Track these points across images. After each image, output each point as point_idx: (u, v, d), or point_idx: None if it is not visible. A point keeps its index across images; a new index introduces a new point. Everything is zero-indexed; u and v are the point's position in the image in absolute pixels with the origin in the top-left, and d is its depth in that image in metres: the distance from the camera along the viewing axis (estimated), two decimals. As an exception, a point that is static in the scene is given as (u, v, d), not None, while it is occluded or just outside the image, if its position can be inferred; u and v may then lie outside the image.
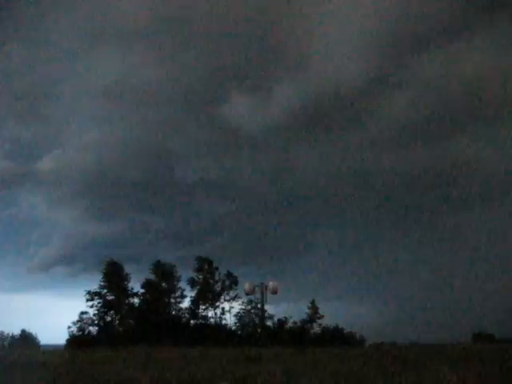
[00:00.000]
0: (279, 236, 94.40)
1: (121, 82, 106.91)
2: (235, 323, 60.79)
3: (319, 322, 60.94)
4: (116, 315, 58.69)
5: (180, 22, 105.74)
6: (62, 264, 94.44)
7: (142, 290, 59.71)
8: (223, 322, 60.35)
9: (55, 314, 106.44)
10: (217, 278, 60.80)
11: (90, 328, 58.10)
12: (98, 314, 57.85)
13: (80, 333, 57.30)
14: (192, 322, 59.93)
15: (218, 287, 60.57)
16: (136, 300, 59.66)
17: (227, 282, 60.55)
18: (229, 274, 60.84)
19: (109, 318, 58.51)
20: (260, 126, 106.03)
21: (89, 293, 57.60)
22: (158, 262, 61.08)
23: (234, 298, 60.18)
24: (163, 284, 60.17)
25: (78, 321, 57.92)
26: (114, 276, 58.25)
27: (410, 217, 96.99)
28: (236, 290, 59.87)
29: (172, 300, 60.56)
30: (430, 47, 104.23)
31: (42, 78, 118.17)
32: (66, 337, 57.55)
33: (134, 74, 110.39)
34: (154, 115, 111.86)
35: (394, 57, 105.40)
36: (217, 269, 60.96)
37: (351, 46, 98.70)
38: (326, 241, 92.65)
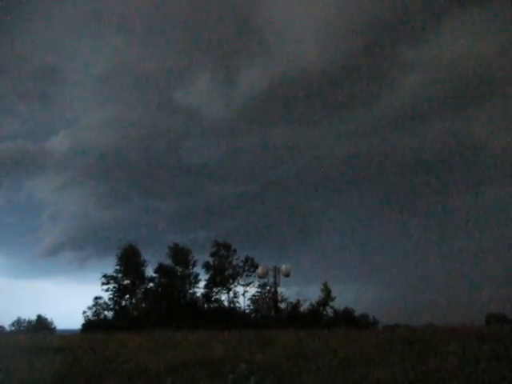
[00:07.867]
0: (289, 220, 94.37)
1: (114, 65, 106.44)
2: (248, 306, 61.28)
3: (332, 304, 61.34)
4: (131, 299, 59.34)
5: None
6: (71, 249, 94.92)
7: (155, 275, 60.18)
8: (236, 305, 60.84)
9: (68, 299, 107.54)
10: (234, 262, 60.99)
11: (105, 312, 58.92)
12: (113, 298, 58.51)
13: (95, 317, 58.11)
14: (205, 305, 60.41)
15: (234, 270, 60.70)
16: (151, 284, 60.20)
17: (246, 266, 60.64)
18: (247, 258, 60.92)
19: (124, 303, 59.14)
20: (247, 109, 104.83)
21: (105, 276, 58.18)
22: (176, 244, 61.20)
23: (248, 284, 60.50)
24: (177, 268, 60.50)
25: (93, 305, 58.77)
26: (131, 260, 58.64)
27: (421, 198, 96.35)
28: (253, 274, 60.06)
29: (186, 285, 60.95)
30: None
31: (48, 61, 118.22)
32: (81, 322, 58.64)
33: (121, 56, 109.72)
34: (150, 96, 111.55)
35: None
36: (235, 251, 61.06)
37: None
38: (337, 224, 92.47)
